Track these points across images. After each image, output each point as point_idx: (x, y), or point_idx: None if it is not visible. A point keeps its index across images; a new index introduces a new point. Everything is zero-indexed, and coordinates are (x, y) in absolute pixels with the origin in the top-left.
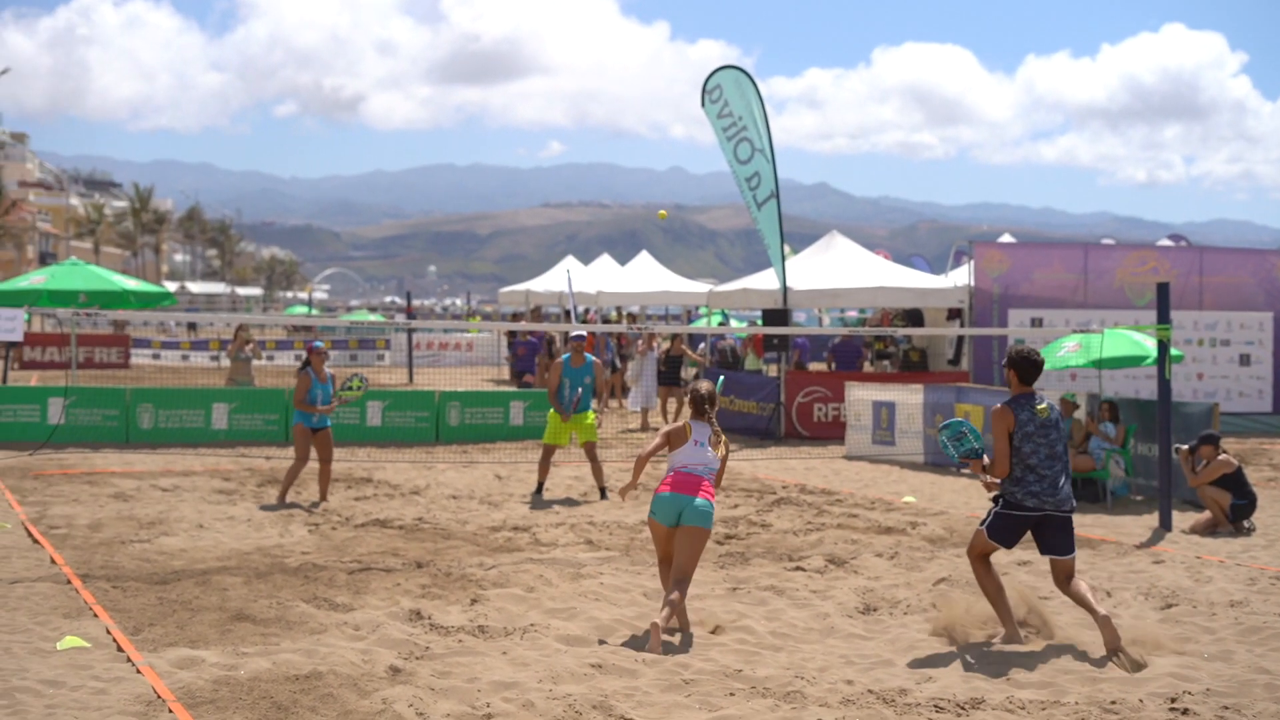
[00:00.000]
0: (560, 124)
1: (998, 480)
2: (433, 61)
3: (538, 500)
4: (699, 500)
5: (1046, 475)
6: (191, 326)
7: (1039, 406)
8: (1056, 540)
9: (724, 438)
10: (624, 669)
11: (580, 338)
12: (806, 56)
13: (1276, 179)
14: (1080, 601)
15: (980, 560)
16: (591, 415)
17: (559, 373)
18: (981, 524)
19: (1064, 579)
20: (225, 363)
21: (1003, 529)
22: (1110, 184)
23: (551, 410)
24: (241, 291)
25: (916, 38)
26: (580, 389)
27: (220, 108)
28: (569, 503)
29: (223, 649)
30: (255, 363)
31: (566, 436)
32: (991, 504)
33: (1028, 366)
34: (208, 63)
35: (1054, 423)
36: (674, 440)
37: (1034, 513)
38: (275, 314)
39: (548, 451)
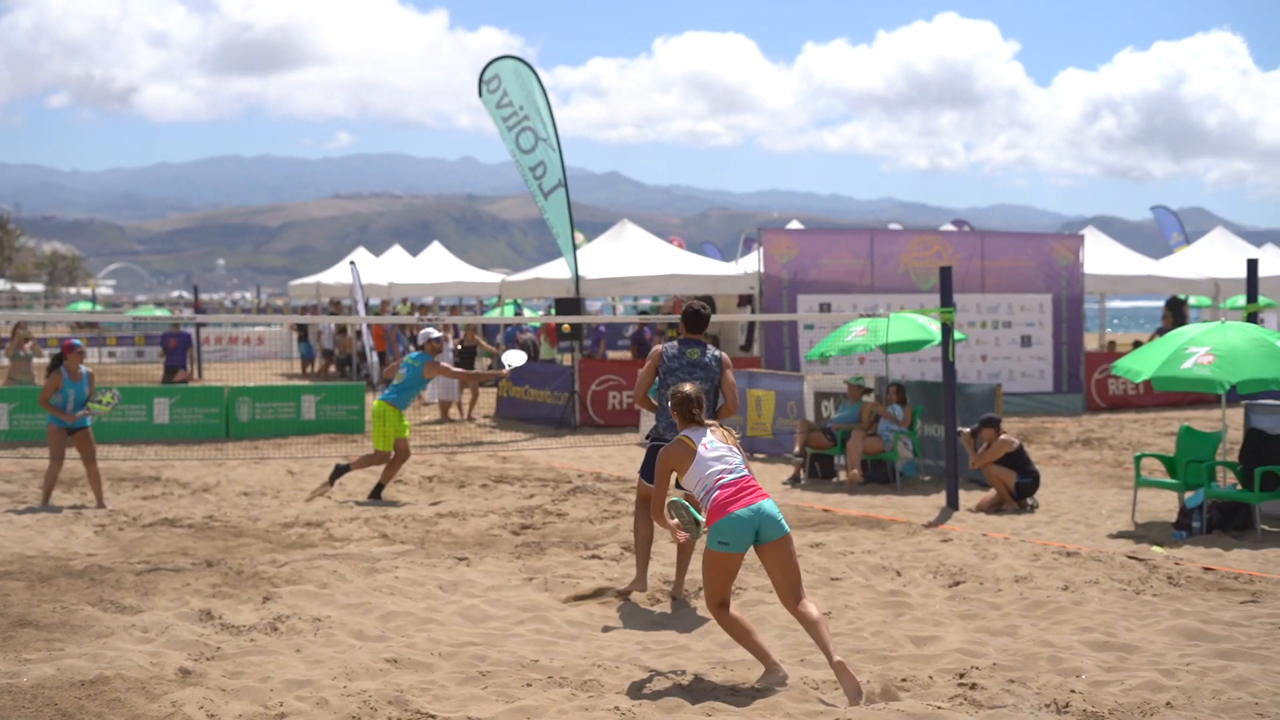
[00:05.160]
0: (344, 115)
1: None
2: (205, 52)
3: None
4: (767, 504)
5: None
6: None
7: (691, 350)
8: None
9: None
10: (420, 663)
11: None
12: (589, 46)
13: (1053, 165)
14: None
15: (642, 504)
16: None
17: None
18: (640, 471)
19: None
20: (4, 362)
21: (651, 464)
22: (894, 170)
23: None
24: (22, 288)
25: (697, 27)
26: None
27: None
28: (374, 500)
29: (4, 656)
30: (36, 360)
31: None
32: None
33: (691, 316)
34: None
35: (702, 364)
36: (680, 464)
37: None
38: (57, 311)
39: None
